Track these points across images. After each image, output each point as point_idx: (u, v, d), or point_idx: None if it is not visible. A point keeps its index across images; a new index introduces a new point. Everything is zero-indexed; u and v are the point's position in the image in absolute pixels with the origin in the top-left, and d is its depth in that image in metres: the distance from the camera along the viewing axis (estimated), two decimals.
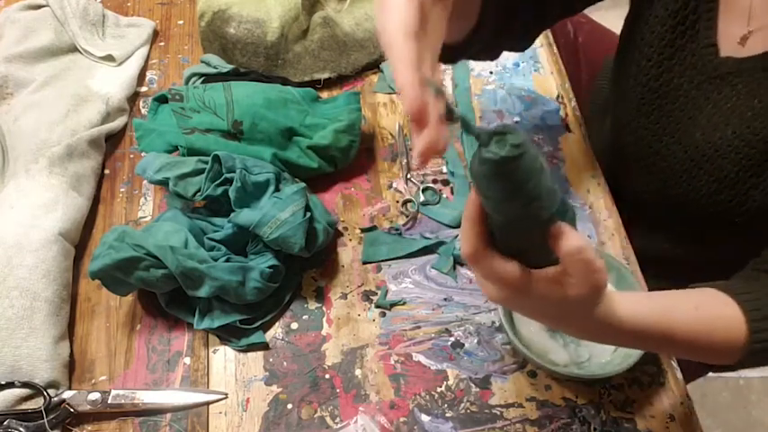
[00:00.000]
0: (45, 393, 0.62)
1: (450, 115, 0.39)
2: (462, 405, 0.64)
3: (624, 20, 0.74)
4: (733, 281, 0.57)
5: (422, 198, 0.77)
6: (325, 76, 0.87)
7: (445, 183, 0.79)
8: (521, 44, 0.71)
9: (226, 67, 0.83)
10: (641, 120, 0.70)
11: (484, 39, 0.61)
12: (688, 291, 0.55)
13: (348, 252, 0.74)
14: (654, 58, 0.67)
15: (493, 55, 0.69)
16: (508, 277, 0.43)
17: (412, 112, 0.37)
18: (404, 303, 0.70)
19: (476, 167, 0.41)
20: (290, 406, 0.64)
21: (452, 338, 0.68)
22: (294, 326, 0.69)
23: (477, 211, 0.44)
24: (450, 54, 0.63)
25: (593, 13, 0.89)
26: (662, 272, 0.73)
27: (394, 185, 0.79)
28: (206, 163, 0.70)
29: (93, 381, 0.66)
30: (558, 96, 0.87)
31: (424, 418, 0.63)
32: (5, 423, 0.61)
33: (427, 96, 0.38)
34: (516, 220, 0.43)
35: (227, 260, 0.67)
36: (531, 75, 0.89)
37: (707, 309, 0.52)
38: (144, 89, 0.88)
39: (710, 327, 0.51)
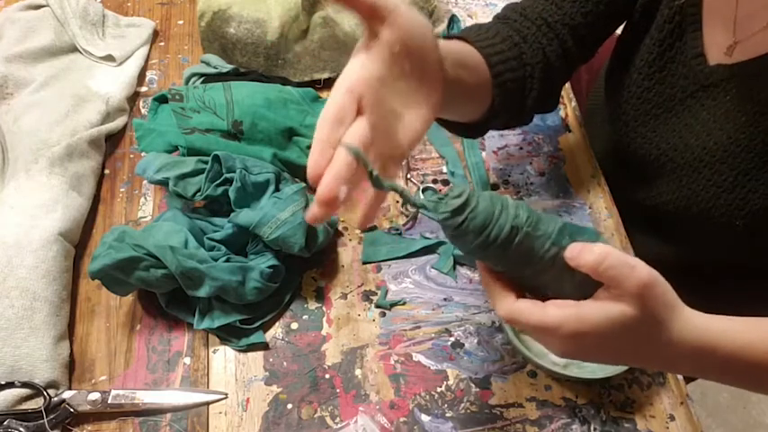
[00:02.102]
0: (45, 393, 0.62)
1: (378, 184, 0.41)
2: (462, 405, 0.64)
3: (618, 38, 0.75)
4: None
5: (422, 198, 0.77)
6: (325, 76, 0.87)
7: (445, 183, 0.79)
8: (545, 108, 0.69)
9: (226, 67, 0.83)
10: (638, 129, 0.71)
11: (502, 116, 0.62)
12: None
13: (348, 252, 0.74)
14: (644, 71, 0.68)
15: (522, 123, 0.68)
16: (553, 321, 0.42)
17: (309, 175, 0.40)
18: (404, 303, 0.70)
19: (449, 234, 0.43)
20: (290, 406, 0.64)
21: (452, 338, 0.68)
22: (294, 326, 0.69)
23: (489, 274, 0.45)
24: (473, 131, 0.64)
25: None
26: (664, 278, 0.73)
27: None
28: (206, 163, 0.70)
29: (93, 381, 0.66)
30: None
31: (424, 418, 0.63)
32: (5, 423, 0.61)
33: (327, 158, 0.40)
34: (516, 264, 0.44)
35: (227, 260, 0.67)
36: None
37: None
38: (144, 89, 0.88)
39: None
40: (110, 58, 0.88)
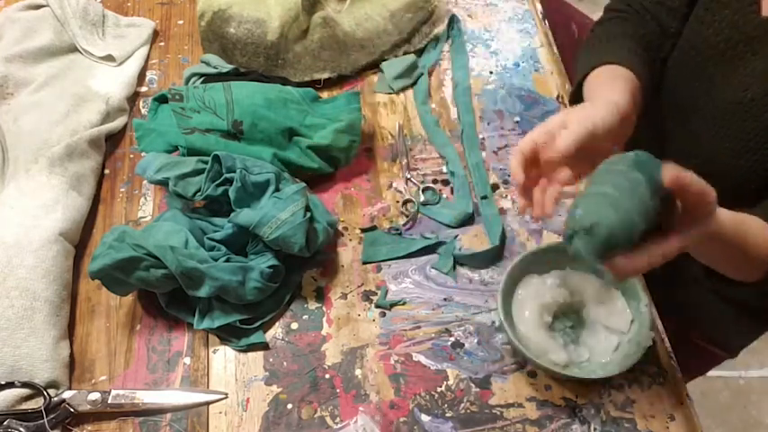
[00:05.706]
0: (45, 393, 0.62)
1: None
2: (462, 405, 0.64)
3: None
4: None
5: (422, 198, 0.77)
6: (325, 76, 0.87)
7: (445, 183, 0.79)
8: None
9: (226, 67, 0.83)
10: (676, 78, 0.73)
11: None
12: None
13: (348, 252, 0.74)
14: (699, 14, 0.69)
15: None
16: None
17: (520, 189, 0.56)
18: (404, 303, 0.70)
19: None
20: (290, 406, 0.64)
21: (452, 338, 0.68)
22: (294, 326, 0.69)
23: None
24: None
25: (595, 13, 0.89)
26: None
27: (394, 185, 0.79)
28: (206, 163, 0.70)
29: (93, 381, 0.66)
30: (558, 96, 0.87)
31: (424, 418, 0.63)
32: (5, 423, 0.61)
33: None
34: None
35: (227, 260, 0.67)
36: (531, 75, 0.89)
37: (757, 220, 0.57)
38: (144, 89, 0.88)
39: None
40: (110, 58, 0.88)
